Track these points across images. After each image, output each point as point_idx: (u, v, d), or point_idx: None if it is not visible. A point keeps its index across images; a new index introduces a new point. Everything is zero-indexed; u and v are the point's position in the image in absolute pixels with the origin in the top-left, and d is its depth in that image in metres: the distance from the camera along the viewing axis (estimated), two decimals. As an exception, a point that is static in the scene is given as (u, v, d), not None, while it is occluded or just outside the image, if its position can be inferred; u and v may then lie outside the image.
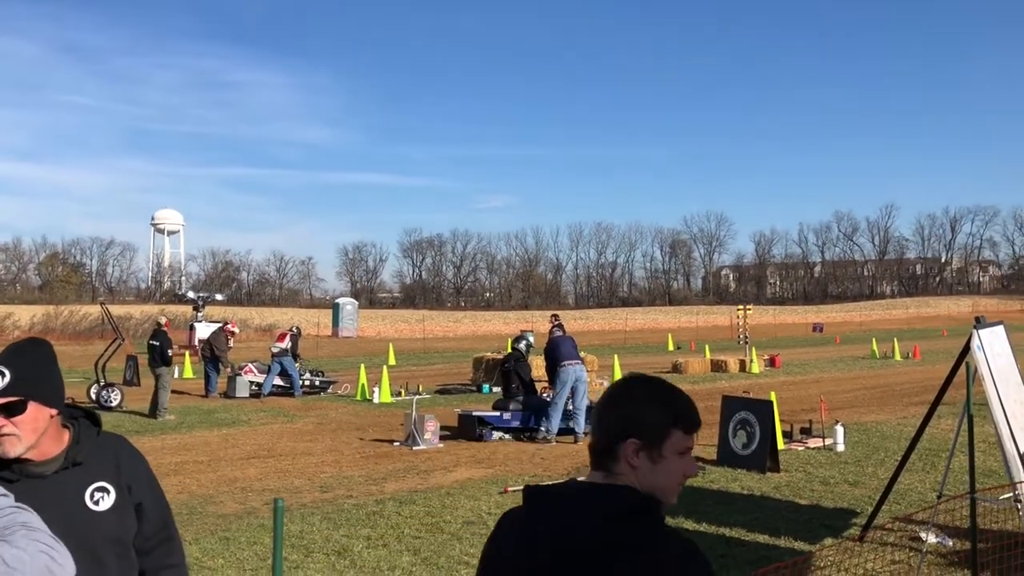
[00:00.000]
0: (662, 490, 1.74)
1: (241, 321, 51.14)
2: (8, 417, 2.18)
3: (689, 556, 1.66)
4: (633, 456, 1.72)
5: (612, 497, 1.70)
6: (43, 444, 2.26)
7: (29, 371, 2.24)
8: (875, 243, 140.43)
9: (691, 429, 1.78)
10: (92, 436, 2.41)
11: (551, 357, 13.69)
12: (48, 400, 2.26)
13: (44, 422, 2.25)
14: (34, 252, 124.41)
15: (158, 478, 2.41)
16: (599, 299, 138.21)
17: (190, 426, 15.25)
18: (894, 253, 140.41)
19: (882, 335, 44.76)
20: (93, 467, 2.36)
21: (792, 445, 11.99)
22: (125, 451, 2.48)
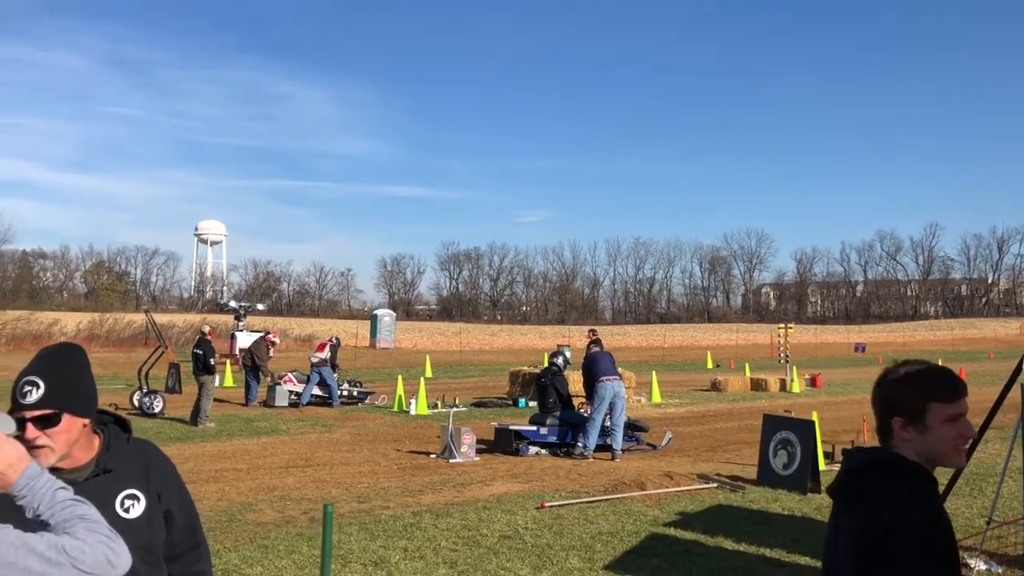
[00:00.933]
0: (939, 454, 2.09)
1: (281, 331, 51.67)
2: (42, 429, 2.19)
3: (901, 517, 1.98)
4: (902, 431, 2.09)
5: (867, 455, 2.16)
6: (75, 452, 2.28)
7: (63, 382, 2.24)
8: (919, 263, 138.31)
9: (951, 398, 2.06)
10: (122, 442, 2.42)
11: (589, 372, 13.62)
12: (81, 410, 2.27)
13: (77, 432, 2.26)
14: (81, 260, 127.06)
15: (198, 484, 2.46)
16: (636, 315, 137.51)
17: (230, 434, 15.41)
18: (939, 273, 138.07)
19: (926, 356, 43.66)
20: (123, 474, 2.36)
21: (834, 466, 11.77)
22: (155, 457, 2.49)
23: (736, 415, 19.43)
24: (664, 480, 10.60)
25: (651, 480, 10.53)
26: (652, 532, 8.22)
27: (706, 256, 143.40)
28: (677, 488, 10.26)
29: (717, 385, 25.94)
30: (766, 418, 11.24)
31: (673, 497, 9.84)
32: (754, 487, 10.39)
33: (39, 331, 50.05)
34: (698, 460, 12.83)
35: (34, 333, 49.43)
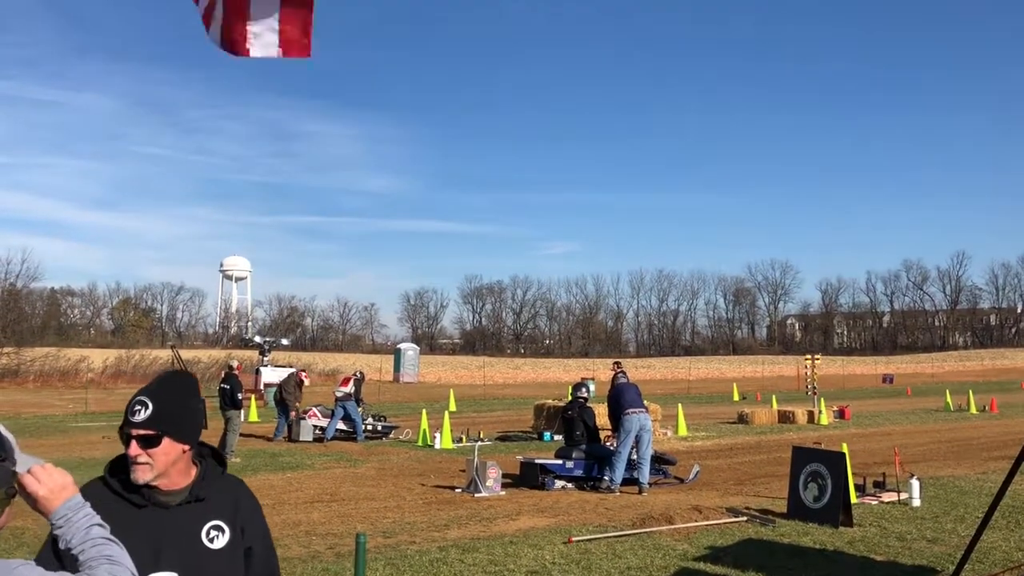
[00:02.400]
0: None
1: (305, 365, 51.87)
2: (144, 448, 2.31)
3: None
4: None
5: None
6: (172, 475, 2.38)
7: (169, 406, 2.37)
8: (946, 292, 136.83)
9: None
10: (217, 475, 2.52)
11: (615, 404, 13.52)
12: (183, 437, 2.39)
13: (176, 455, 2.37)
14: (108, 297, 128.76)
15: None
16: (660, 348, 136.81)
17: (255, 469, 15.42)
18: (966, 303, 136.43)
19: (956, 387, 43.25)
20: (213, 505, 2.45)
21: (865, 499, 11.59)
22: (244, 494, 2.58)
23: (764, 448, 19.19)
24: (692, 514, 10.45)
25: (679, 514, 10.38)
26: (681, 567, 8.10)
27: (730, 288, 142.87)
28: (706, 522, 10.11)
29: (744, 418, 25.67)
30: (795, 450, 11.08)
31: (702, 531, 9.70)
32: (784, 520, 10.23)
33: (67, 368, 50.56)
34: (727, 493, 12.66)
35: (62, 370, 49.94)
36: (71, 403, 33.61)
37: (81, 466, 15.73)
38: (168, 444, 2.34)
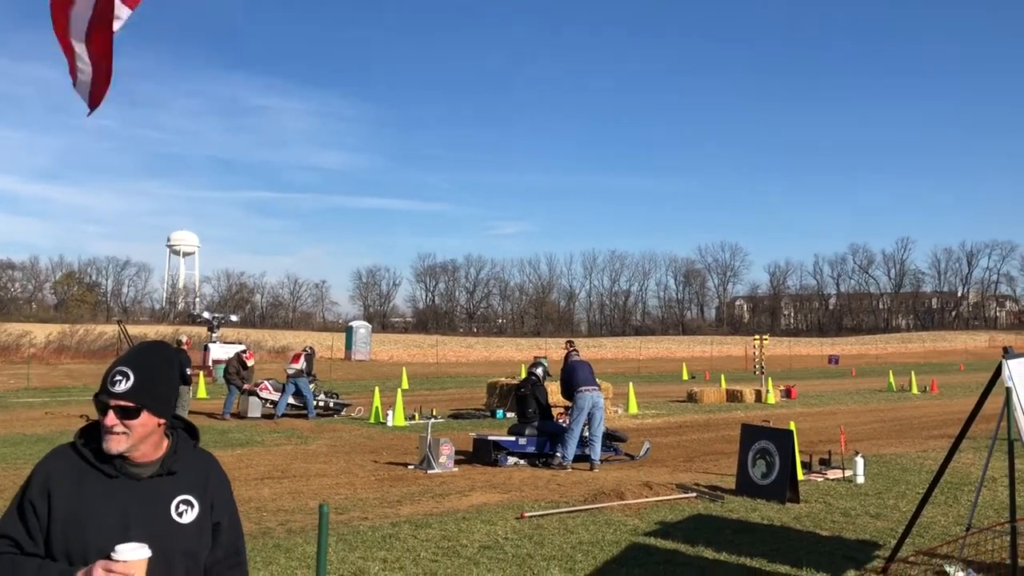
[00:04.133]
0: None
1: (254, 343, 51.26)
2: (121, 419, 2.33)
3: None
4: None
5: None
6: (145, 447, 2.38)
7: (150, 379, 2.38)
8: (891, 276, 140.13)
9: None
10: (189, 448, 2.52)
11: (568, 382, 13.59)
12: (160, 410, 2.40)
13: (152, 428, 2.38)
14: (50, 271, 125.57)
15: None
16: (612, 327, 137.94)
17: (204, 445, 14.92)
18: (910, 286, 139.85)
19: (899, 368, 44.37)
20: (184, 479, 2.45)
21: (811, 476, 11.84)
22: (214, 469, 2.59)
23: (713, 426, 19.48)
24: (643, 490, 10.58)
25: (630, 490, 10.50)
26: (632, 542, 8.19)
27: (681, 269, 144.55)
28: (656, 498, 10.24)
29: (693, 396, 26.03)
30: (744, 428, 11.26)
31: (652, 507, 9.83)
32: (733, 497, 10.40)
33: (7, 343, 49.28)
34: (676, 470, 12.83)
35: (2, 345, 48.65)
36: (12, 379, 32.79)
37: (23, 442, 15.38)
38: (146, 416, 2.35)
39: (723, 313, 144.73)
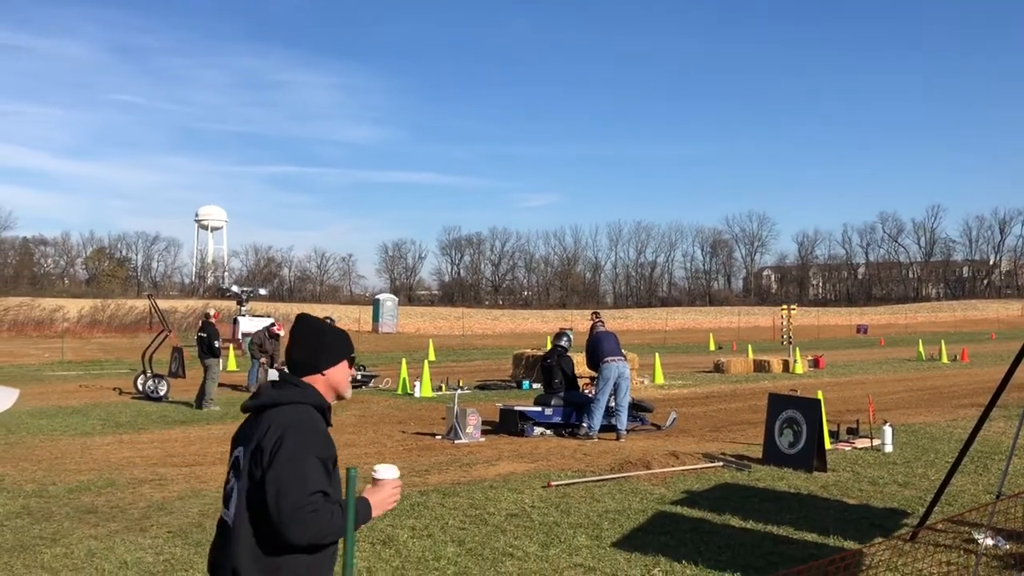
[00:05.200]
0: None
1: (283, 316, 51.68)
2: None
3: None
4: None
5: None
6: None
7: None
8: (921, 244, 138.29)
9: None
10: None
11: (593, 353, 13.60)
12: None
13: None
14: (82, 247, 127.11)
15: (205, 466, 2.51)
16: (638, 299, 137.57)
17: (235, 416, 15.41)
18: (940, 255, 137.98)
19: (928, 337, 43.91)
20: None
21: (839, 445, 11.79)
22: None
23: (740, 396, 19.45)
24: (670, 459, 10.61)
25: (657, 459, 10.53)
26: (659, 510, 8.23)
27: (707, 239, 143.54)
28: (683, 467, 10.27)
29: (720, 367, 25.96)
30: (771, 397, 11.23)
31: (679, 476, 9.85)
32: (760, 466, 10.40)
33: (41, 317, 50.13)
34: (703, 440, 12.84)
35: (36, 319, 49.50)
36: (46, 352, 33.38)
37: (59, 414, 15.68)
38: None
39: (750, 284, 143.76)
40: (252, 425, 2.83)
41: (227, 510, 2.79)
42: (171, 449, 11.96)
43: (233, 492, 2.76)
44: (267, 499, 2.62)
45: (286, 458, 2.65)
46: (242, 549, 2.69)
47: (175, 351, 23.14)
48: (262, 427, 2.75)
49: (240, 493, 2.73)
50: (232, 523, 2.74)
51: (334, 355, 2.97)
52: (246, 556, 2.68)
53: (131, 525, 7.73)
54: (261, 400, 2.85)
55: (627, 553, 6.79)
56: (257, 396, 2.88)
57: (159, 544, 7.13)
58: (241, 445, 2.83)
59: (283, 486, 2.61)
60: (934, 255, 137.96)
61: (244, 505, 2.71)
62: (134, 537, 7.31)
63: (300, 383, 2.89)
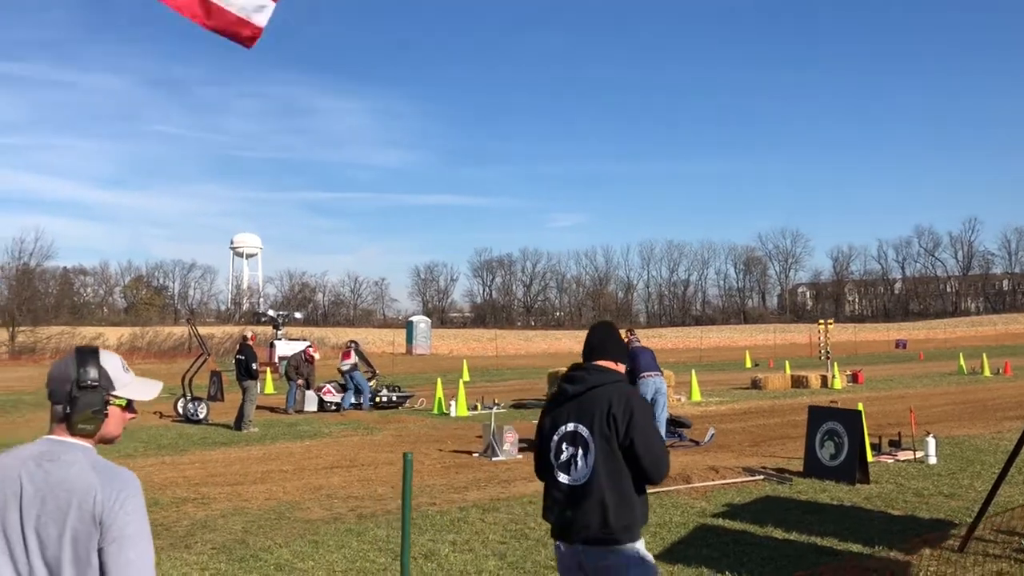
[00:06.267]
0: None
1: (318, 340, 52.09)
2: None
3: None
4: None
5: None
6: None
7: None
8: (958, 258, 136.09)
9: None
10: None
11: (630, 369, 13.51)
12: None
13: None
14: (120, 276, 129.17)
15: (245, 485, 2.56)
16: (671, 318, 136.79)
17: (273, 437, 15.57)
18: (979, 268, 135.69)
19: (969, 351, 43.18)
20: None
21: (881, 458, 11.64)
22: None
23: (778, 412, 19.24)
24: (709, 473, 10.53)
25: (696, 474, 10.46)
26: (700, 523, 8.17)
27: (741, 257, 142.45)
28: (723, 481, 10.19)
29: (757, 383, 25.71)
30: (812, 409, 11.12)
31: (719, 490, 9.78)
32: (801, 479, 10.28)
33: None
34: (742, 455, 12.72)
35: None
36: (88, 379, 33.80)
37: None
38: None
39: (785, 301, 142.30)
40: (582, 405, 3.56)
41: (569, 475, 3.52)
42: (212, 469, 12.09)
43: (578, 458, 3.50)
44: (636, 451, 3.43)
45: (642, 419, 3.46)
46: (606, 497, 3.41)
47: (213, 375, 23.44)
48: (601, 403, 3.50)
49: (593, 455, 3.46)
50: (587, 480, 3.46)
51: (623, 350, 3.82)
52: (612, 501, 3.41)
53: (176, 542, 7.82)
54: (588, 384, 3.60)
55: (669, 565, 6.75)
56: (582, 382, 3.61)
57: (204, 560, 7.21)
58: (575, 421, 3.55)
59: (648, 440, 3.44)
60: (972, 268, 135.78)
61: (601, 462, 3.45)
62: (179, 554, 7.40)
63: (605, 368, 3.66)
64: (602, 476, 3.44)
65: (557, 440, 3.60)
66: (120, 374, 2.47)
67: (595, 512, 3.42)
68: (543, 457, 3.69)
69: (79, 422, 2.36)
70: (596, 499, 3.42)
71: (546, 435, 3.69)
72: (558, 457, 3.58)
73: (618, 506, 3.42)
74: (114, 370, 2.45)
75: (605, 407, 3.47)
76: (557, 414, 3.66)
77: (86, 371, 2.39)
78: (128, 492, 2.26)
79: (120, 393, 2.44)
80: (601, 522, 3.40)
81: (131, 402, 2.48)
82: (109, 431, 2.44)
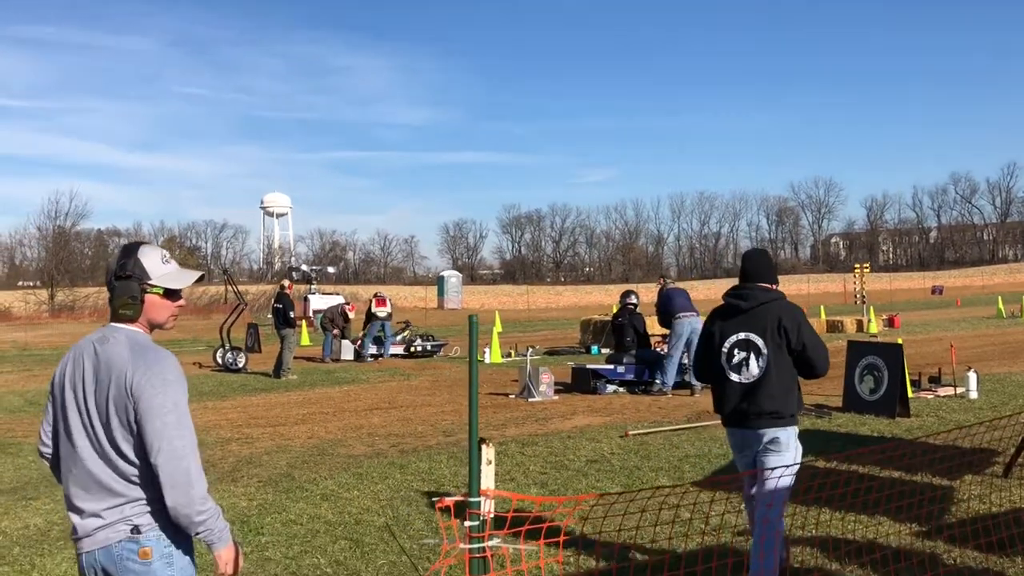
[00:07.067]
0: None
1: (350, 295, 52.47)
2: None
3: None
4: None
5: None
6: None
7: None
8: (996, 205, 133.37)
9: None
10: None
11: (664, 310, 13.50)
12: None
13: None
14: (153, 237, 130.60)
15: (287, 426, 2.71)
16: (702, 271, 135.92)
17: (312, 384, 15.79)
18: (1017, 215, 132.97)
19: (1008, 297, 42.52)
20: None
21: (921, 394, 11.56)
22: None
23: (813, 355, 19.09)
24: (747, 409, 10.52)
25: (734, 410, 10.46)
26: (740, 454, 8.18)
27: (773, 208, 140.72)
28: (761, 416, 10.17)
29: (791, 329, 25.52)
30: (850, 344, 11.05)
31: (758, 424, 9.76)
32: (840, 413, 10.26)
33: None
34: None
35: (115, 306, 51.23)
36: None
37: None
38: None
39: (818, 251, 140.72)
40: (752, 318, 4.42)
41: (740, 375, 4.37)
42: (254, 412, 12.30)
43: (749, 360, 4.35)
44: (808, 353, 4.35)
45: (807, 328, 4.41)
46: (775, 390, 4.32)
47: (250, 327, 23.72)
48: (771, 316, 4.39)
49: (765, 358, 4.33)
50: (759, 378, 4.32)
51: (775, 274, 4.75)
52: (780, 393, 4.32)
53: (223, 476, 7.99)
54: (757, 300, 4.46)
55: (711, 492, 6.78)
56: (751, 299, 4.46)
57: (251, 492, 7.37)
58: (747, 331, 4.40)
59: (815, 342, 4.39)
60: (1010, 215, 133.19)
61: (774, 361, 4.33)
62: (227, 486, 7.56)
63: (767, 288, 4.57)
64: (772, 374, 4.32)
65: (729, 346, 4.43)
66: (157, 266, 2.67)
67: (767, 402, 4.31)
68: (712, 360, 4.50)
69: (119, 307, 2.63)
70: (767, 392, 4.31)
71: (716, 343, 4.49)
72: (730, 360, 4.41)
73: (784, 397, 4.34)
74: (150, 263, 2.66)
75: (775, 320, 4.36)
76: (727, 325, 4.48)
77: (123, 264, 2.65)
78: (155, 369, 2.50)
79: (155, 282, 2.65)
80: (772, 409, 4.32)
81: (170, 291, 2.69)
82: (153, 317, 2.68)
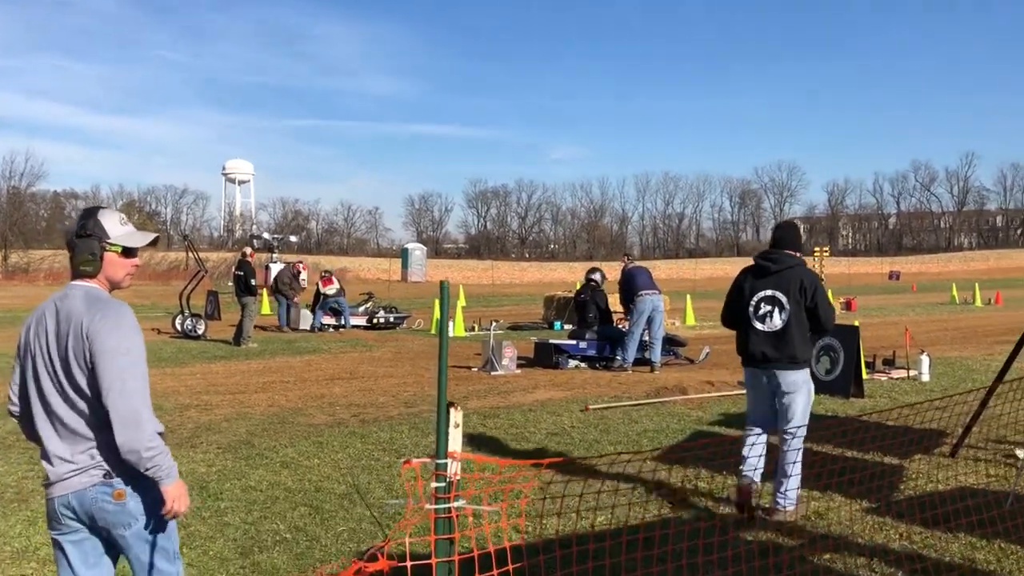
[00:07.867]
0: None
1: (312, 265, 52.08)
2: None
3: None
4: None
5: None
6: None
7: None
8: (954, 193, 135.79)
9: None
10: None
11: (627, 288, 13.60)
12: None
13: None
14: (111, 200, 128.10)
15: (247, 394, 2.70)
16: (665, 250, 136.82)
17: (272, 353, 15.69)
18: (974, 204, 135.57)
19: (962, 284, 43.42)
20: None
21: (875, 375, 11.81)
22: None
23: (772, 335, 19.38)
24: (705, 386, 10.70)
25: (692, 386, 10.63)
26: (697, 430, 8.33)
27: (736, 190, 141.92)
28: (718, 393, 10.34)
29: (751, 310, 25.84)
30: (808, 326, 11.20)
31: (714, 401, 9.93)
32: (796, 393, 10.42)
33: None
34: (737, 372, 12.78)
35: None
36: (84, 300, 33.80)
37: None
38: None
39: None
40: (780, 278, 5.51)
41: (764, 324, 5.49)
42: (213, 380, 12.21)
43: (774, 313, 5.47)
44: (818, 311, 5.46)
45: (820, 290, 5.54)
46: (793, 339, 5.43)
47: (210, 294, 23.51)
48: (795, 278, 5.49)
49: (787, 312, 5.43)
50: (782, 328, 5.43)
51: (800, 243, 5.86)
52: (798, 340, 5.45)
53: (182, 442, 7.94)
54: (785, 264, 5.55)
55: (667, 465, 6.90)
56: (780, 263, 5.55)
57: (210, 458, 7.34)
58: (773, 289, 5.51)
59: (825, 303, 5.50)
60: (967, 204, 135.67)
61: (794, 315, 5.42)
62: (186, 452, 7.52)
63: (792, 255, 5.66)
64: (792, 326, 5.42)
65: (757, 300, 5.55)
66: (115, 226, 2.89)
67: (787, 348, 5.42)
68: (741, 311, 5.64)
69: (80, 264, 2.84)
70: (787, 340, 5.43)
71: (746, 296, 5.61)
72: (757, 311, 5.54)
73: (801, 344, 5.47)
74: (109, 223, 2.88)
75: (798, 281, 5.46)
76: (757, 283, 5.59)
77: (83, 224, 2.85)
78: (110, 315, 2.72)
79: (113, 241, 2.86)
80: (791, 354, 5.44)
81: (127, 249, 2.89)
82: (111, 274, 2.88)
